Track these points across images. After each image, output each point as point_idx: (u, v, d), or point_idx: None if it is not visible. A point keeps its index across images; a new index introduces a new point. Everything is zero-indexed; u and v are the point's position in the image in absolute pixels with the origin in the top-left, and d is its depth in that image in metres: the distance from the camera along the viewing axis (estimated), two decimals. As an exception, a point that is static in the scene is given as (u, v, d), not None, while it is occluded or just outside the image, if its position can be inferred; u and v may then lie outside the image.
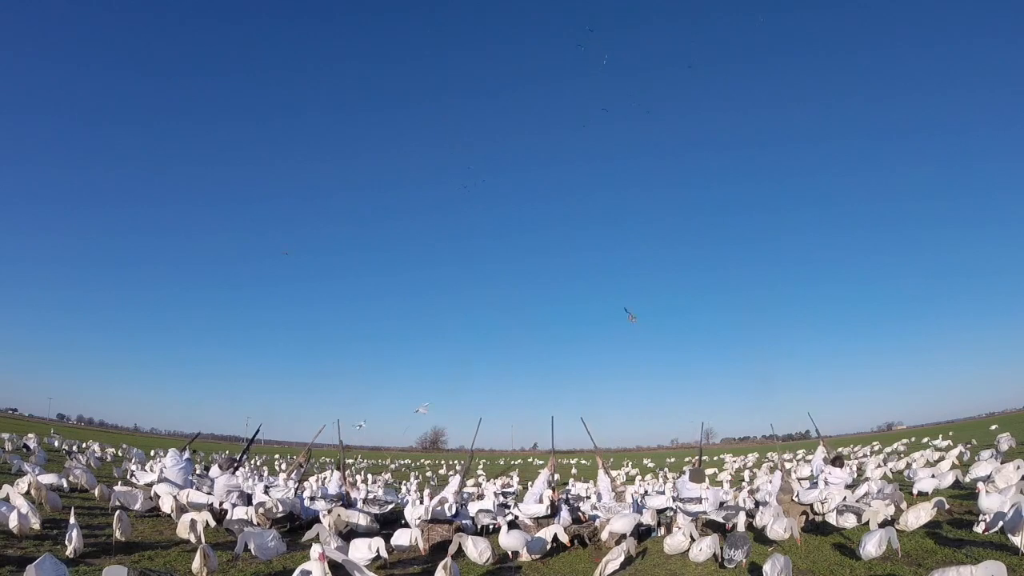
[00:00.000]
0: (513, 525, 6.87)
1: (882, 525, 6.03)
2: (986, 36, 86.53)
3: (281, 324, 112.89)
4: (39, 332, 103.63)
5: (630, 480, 20.52)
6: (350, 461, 36.47)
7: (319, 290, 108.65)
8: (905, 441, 28.52)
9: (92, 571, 4.96)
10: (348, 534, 6.94)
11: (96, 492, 8.92)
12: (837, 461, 9.31)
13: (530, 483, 9.79)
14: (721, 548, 5.65)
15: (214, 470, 10.08)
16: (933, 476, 9.60)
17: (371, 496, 10.36)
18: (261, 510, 7.49)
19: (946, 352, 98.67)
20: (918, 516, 6.28)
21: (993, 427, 31.27)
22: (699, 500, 7.56)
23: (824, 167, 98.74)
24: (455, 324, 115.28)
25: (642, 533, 7.52)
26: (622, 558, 5.69)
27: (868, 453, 24.37)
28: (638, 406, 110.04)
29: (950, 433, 30.40)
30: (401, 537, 6.32)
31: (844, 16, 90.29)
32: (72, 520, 5.47)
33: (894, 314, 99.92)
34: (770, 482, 9.27)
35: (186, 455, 10.03)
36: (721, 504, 7.77)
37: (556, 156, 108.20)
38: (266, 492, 9.13)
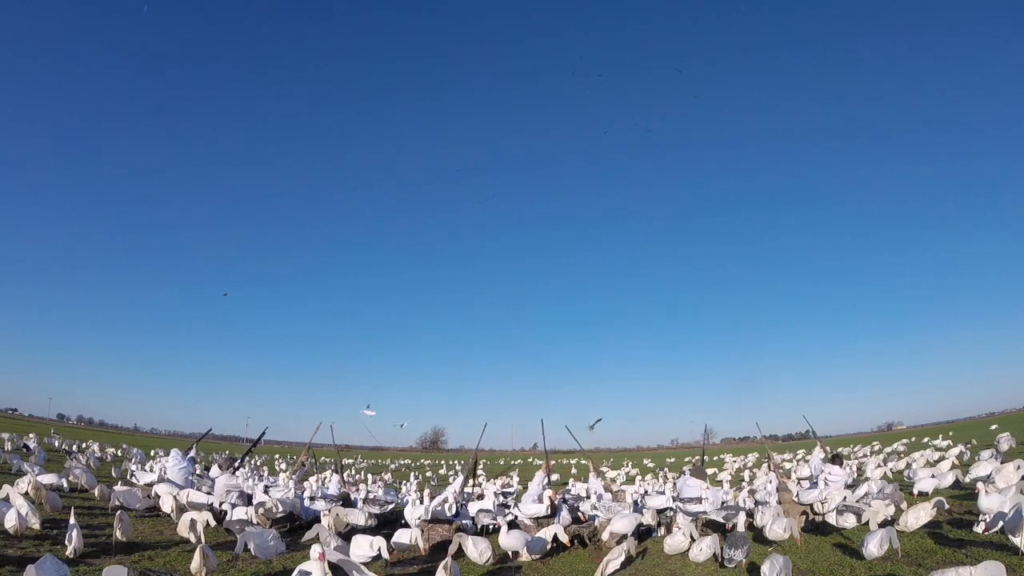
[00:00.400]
0: (513, 525, 6.87)
1: (882, 525, 6.03)
2: (986, 36, 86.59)
3: (281, 324, 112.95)
4: (39, 332, 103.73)
5: (630, 480, 20.49)
6: (350, 461, 36.50)
7: (319, 290, 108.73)
8: (905, 441, 28.49)
9: (92, 571, 4.96)
10: (348, 534, 6.94)
11: (96, 492, 8.92)
12: (836, 459, 9.31)
13: (530, 483, 9.79)
14: (721, 548, 5.65)
15: (214, 470, 10.09)
16: (933, 476, 9.60)
17: (371, 496, 10.37)
18: (261, 510, 7.49)
19: (946, 352, 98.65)
20: (918, 516, 6.28)
21: (993, 427, 31.26)
22: (699, 500, 7.56)
23: (824, 167, 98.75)
24: (455, 324, 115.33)
25: (642, 533, 7.51)
26: (623, 558, 5.69)
27: (868, 453, 24.36)
28: (638, 406, 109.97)
29: (950, 433, 30.39)
30: (401, 537, 6.32)
31: (844, 16, 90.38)
32: (72, 520, 5.47)
33: (894, 314, 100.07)
34: (770, 482, 9.28)
35: (191, 454, 10.05)
36: (721, 504, 7.77)
37: (556, 157, 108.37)
38: (266, 492, 9.14)
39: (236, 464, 10.24)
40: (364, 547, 5.53)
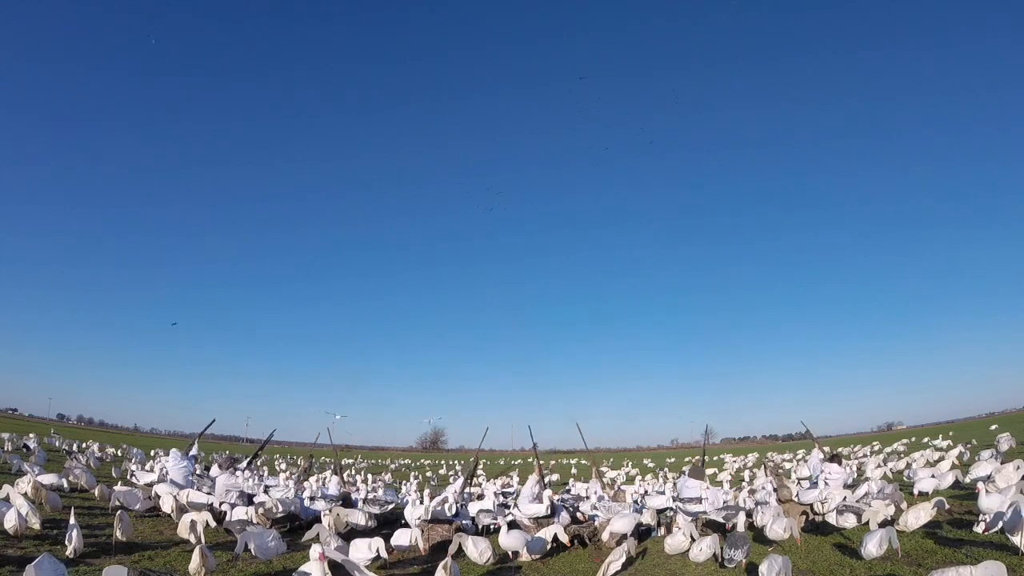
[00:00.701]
0: (513, 525, 6.87)
1: (882, 525, 6.03)
2: (986, 36, 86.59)
3: (281, 324, 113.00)
4: (39, 332, 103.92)
5: (630, 480, 20.48)
6: (350, 461, 36.51)
7: (319, 290, 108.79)
8: (905, 441, 28.50)
9: (92, 571, 4.96)
10: (348, 534, 6.94)
11: (96, 492, 8.91)
12: (835, 459, 9.30)
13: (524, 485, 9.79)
14: (721, 548, 5.65)
15: (214, 470, 10.09)
16: (933, 476, 9.60)
17: (371, 496, 10.37)
18: (261, 510, 7.49)
19: (946, 352, 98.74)
20: (918, 516, 6.28)
21: (993, 427, 31.24)
22: (699, 500, 7.56)
23: (824, 167, 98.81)
24: (456, 324, 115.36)
25: (642, 533, 7.52)
26: (624, 559, 5.69)
27: (868, 453, 24.35)
28: (638, 406, 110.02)
29: (950, 433, 30.37)
30: (401, 537, 6.32)
31: (844, 16, 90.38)
32: (72, 520, 5.47)
33: (894, 314, 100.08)
34: (770, 482, 9.27)
35: (192, 451, 10.06)
36: (722, 504, 7.77)
37: (556, 157, 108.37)
38: (266, 492, 9.14)
39: (243, 464, 10.24)
40: (363, 550, 5.53)
